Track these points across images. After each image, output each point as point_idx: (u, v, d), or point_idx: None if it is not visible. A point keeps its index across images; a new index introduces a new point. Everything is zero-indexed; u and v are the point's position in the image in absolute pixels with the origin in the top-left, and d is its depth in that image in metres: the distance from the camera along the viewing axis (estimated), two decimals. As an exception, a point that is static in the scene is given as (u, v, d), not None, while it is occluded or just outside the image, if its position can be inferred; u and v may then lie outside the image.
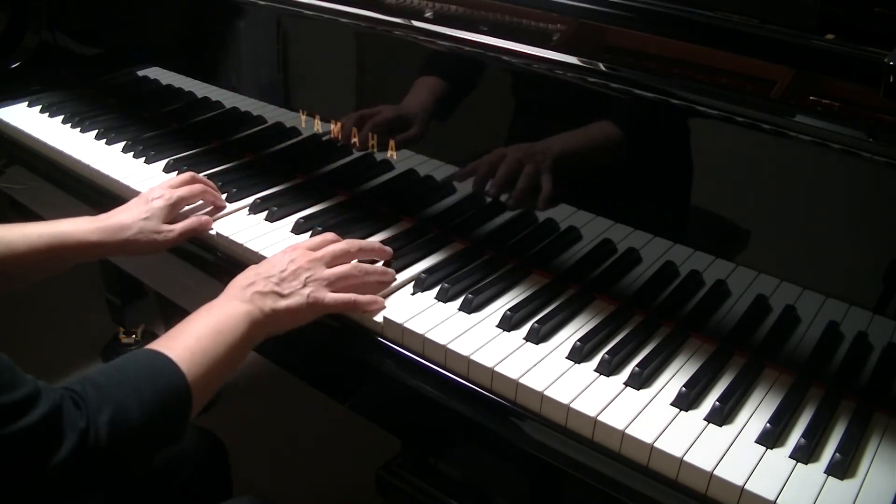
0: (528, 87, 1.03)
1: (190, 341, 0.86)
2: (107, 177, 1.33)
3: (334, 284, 0.99)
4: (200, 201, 1.20)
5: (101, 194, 1.32)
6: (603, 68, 0.95)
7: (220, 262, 1.15)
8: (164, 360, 0.82)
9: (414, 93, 1.12)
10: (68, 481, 0.72)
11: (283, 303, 0.95)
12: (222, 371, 0.88)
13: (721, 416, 0.84)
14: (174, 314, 0.89)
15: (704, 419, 0.84)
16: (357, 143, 1.21)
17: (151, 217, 1.10)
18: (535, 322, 0.95)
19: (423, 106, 1.12)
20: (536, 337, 0.94)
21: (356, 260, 1.04)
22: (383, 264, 1.07)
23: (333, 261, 1.01)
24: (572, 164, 1.02)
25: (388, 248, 1.08)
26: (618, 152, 0.99)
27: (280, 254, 1.01)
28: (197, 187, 1.18)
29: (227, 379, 0.90)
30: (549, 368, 0.90)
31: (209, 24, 1.40)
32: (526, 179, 1.04)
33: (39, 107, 1.57)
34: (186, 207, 1.18)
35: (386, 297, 1.02)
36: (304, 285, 0.96)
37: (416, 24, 1.09)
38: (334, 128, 1.23)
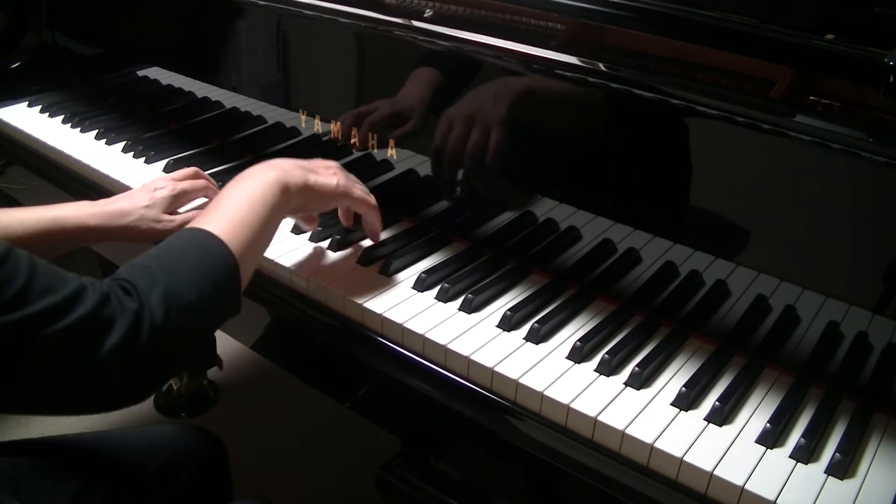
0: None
1: (228, 214, 0.87)
2: (107, 177, 1.33)
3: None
4: (203, 198, 1.20)
5: (100, 194, 1.32)
6: (603, 68, 0.95)
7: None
8: (207, 236, 0.83)
9: (412, 85, 1.12)
10: (126, 368, 0.72)
11: (313, 177, 0.99)
12: (262, 240, 0.91)
13: (721, 416, 0.84)
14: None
15: (704, 419, 0.84)
16: (357, 143, 1.21)
17: (153, 206, 1.10)
18: (536, 322, 0.95)
19: (421, 98, 1.12)
20: (536, 337, 0.94)
21: None
22: (371, 241, 1.13)
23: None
24: (569, 158, 1.02)
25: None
26: (618, 152, 0.99)
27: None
28: (200, 183, 1.18)
29: (265, 249, 0.94)
30: (549, 368, 0.90)
31: (209, 24, 1.40)
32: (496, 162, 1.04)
33: (39, 107, 1.57)
34: (188, 205, 1.18)
35: (385, 296, 1.02)
36: (334, 175, 1.02)
37: (416, 24, 1.09)
38: (334, 128, 1.23)
